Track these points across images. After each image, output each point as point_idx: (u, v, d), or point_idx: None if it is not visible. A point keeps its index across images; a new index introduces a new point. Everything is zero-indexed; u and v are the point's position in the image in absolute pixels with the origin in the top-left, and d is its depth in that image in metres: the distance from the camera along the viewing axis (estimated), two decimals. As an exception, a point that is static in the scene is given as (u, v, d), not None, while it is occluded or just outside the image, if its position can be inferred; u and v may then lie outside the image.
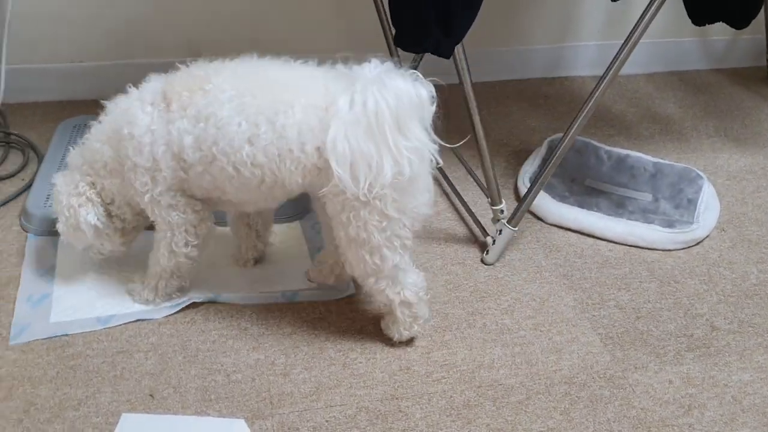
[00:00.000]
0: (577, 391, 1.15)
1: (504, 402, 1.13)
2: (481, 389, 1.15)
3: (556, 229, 1.53)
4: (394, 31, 1.34)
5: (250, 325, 1.24)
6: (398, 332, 1.19)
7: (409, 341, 1.22)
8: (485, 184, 1.42)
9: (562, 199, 1.57)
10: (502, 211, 1.41)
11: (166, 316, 1.24)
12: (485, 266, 1.41)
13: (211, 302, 1.28)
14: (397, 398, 1.12)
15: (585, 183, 1.65)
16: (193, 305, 1.26)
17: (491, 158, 1.41)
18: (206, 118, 1.06)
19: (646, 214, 1.55)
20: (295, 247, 1.42)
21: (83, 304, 1.24)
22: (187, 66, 1.13)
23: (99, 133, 1.16)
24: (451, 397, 1.13)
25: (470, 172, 1.62)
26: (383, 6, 1.73)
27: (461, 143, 1.18)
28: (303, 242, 1.44)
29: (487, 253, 1.42)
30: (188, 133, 1.07)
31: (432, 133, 1.07)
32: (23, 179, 1.57)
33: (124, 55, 1.84)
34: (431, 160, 1.08)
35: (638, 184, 1.64)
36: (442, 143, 1.09)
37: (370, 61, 1.03)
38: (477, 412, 1.11)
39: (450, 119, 1.93)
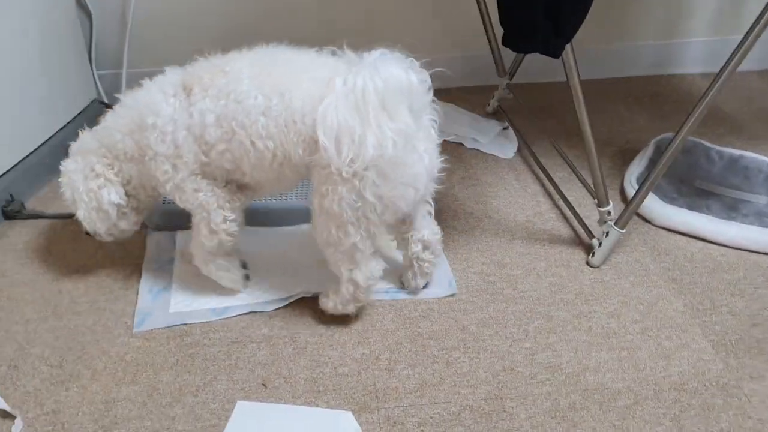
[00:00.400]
0: (688, 399, 1.12)
1: (610, 406, 1.11)
2: (586, 392, 1.14)
3: (664, 231, 1.49)
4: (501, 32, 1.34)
5: (354, 320, 1.27)
6: (333, 303, 1.25)
7: (514, 342, 1.22)
8: (592, 185, 1.40)
9: (671, 200, 1.53)
10: (609, 213, 1.38)
11: (276, 309, 1.29)
12: (590, 268, 1.39)
13: (318, 297, 1.32)
14: (501, 398, 1.13)
15: (695, 184, 1.60)
16: (301, 299, 1.31)
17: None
18: (227, 95, 1.12)
19: (761, 218, 1.48)
20: (394, 245, 1.45)
21: (199, 296, 1.31)
22: (206, 58, 1.20)
23: (119, 124, 1.21)
24: (555, 399, 1.12)
25: (575, 172, 1.60)
26: (486, 6, 1.73)
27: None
28: (405, 240, 1.46)
29: (592, 256, 1.40)
30: (210, 111, 1.13)
31: (427, 122, 1.14)
32: (143, 176, 1.66)
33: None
34: (425, 156, 1.13)
35: (752, 186, 1.57)
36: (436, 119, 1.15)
37: (377, 50, 1.09)
38: (583, 416, 1.10)
39: (555, 117, 1.91)
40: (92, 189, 1.23)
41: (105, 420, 1.08)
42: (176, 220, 1.47)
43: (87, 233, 1.30)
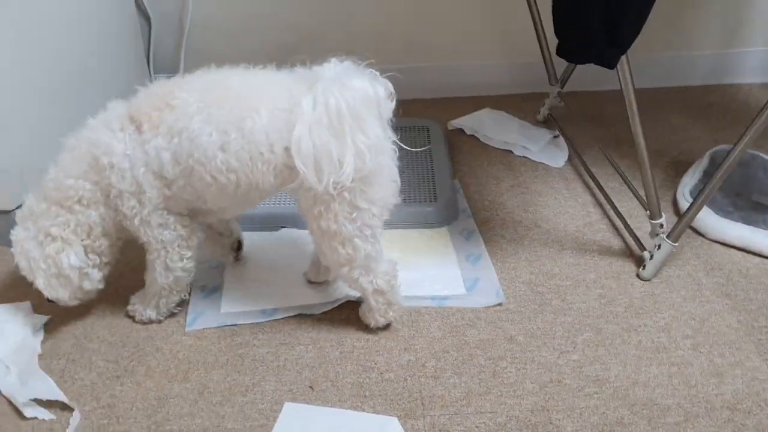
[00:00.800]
0: (742, 419, 1.10)
1: (660, 422, 1.10)
2: (635, 407, 1.12)
3: (718, 245, 1.46)
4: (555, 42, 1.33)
5: (400, 326, 1.28)
6: (374, 319, 1.24)
7: (561, 354, 1.21)
8: (644, 196, 1.38)
9: (726, 214, 1.50)
10: (661, 225, 1.36)
11: (324, 312, 1.31)
12: (641, 281, 1.38)
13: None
14: (547, 410, 1.12)
15: (752, 198, 1.56)
16: (347, 304, 1.32)
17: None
18: (179, 133, 1.09)
19: (821, 234, 1.44)
20: (443, 253, 1.45)
21: (250, 298, 1.33)
22: (146, 86, 1.16)
23: (69, 170, 1.15)
24: (603, 413, 1.11)
25: (626, 183, 1.58)
26: (539, 14, 1.72)
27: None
28: (451, 249, 1.46)
29: (643, 268, 1.38)
30: (165, 149, 1.10)
31: (389, 129, 1.11)
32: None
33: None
34: (393, 151, 1.13)
35: (813, 201, 1.53)
36: (396, 141, 1.13)
37: (329, 62, 1.07)
38: (631, 431, 1.08)
39: (606, 126, 1.89)
40: (49, 255, 1.16)
41: (158, 416, 1.11)
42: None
43: (49, 300, 1.22)
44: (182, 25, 1.92)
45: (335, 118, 1.03)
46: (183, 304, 1.31)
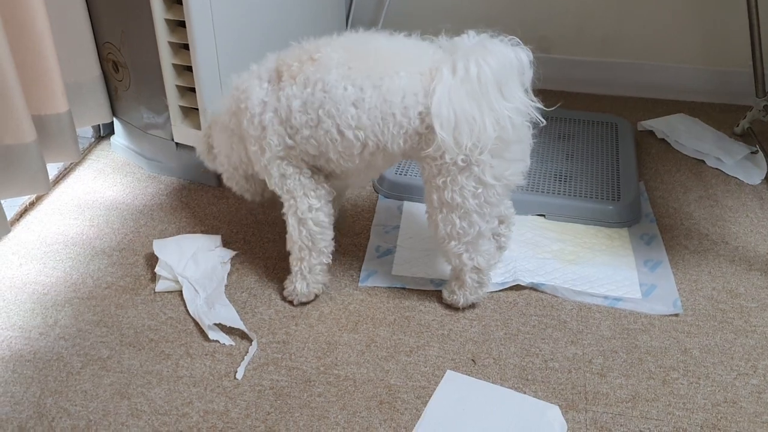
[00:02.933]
0: None
1: None
2: (819, 446, 1.04)
3: None
4: None
5: (569, 319, 1.26)
6: (464, 297, 1.24)
7: (739, 376, 1.14)
8: None
9: None
10: None
11: (491, 293, 1.31)
12: (837, 317, 1.27)
13: (533, 289, 1.32)
14: (719, 429, 1.06)
15: None
16: (516, 288, 1.32)
17: None
18: (314, 83, 1.11)
19: None
20: (620, 254, 1.41)
21: (421, 265, 1.36)
22: (299, 43, 1.18)
23: (222, 105, 1.25)
24: (782, 445, 1.05)
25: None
26: (758, 20, 1.62)
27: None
28: (630, 250, 1.42)
29: (842, 303, 1.27)
30: (296, 97, 1.12)
31: (531, 95, 1.08)
32: (379, 145, 1.75)
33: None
34: (529, 127, 1.11)
35: None
36: (540, 105, 1.08)
37: (467, 33, 1.07)
38: (812, 470, 1.01)
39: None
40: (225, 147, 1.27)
41: (327, 359, 1.17)
42: (404, 190, 1.55)
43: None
44: (383, -3, 1.98)
45: (476, 83, 1.03)
46: (329, 272, 1.29)
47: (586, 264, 1.37)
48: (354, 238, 1.44)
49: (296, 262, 1.26)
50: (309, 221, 1.22)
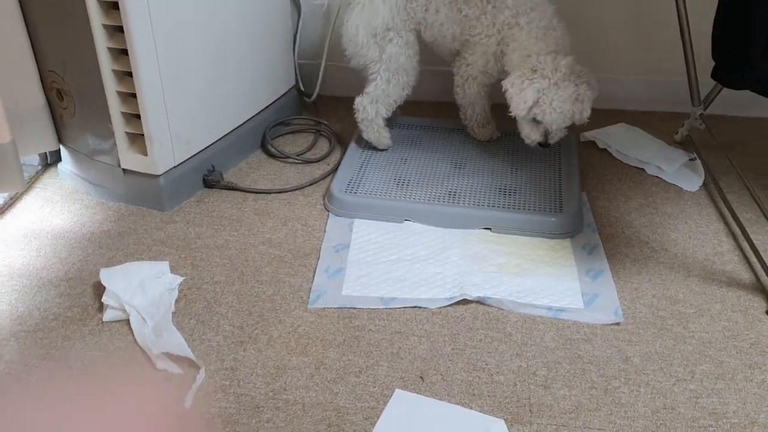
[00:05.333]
0: None
1: (778, 467, 1.06)
2: (752, 448, 1.08)
3: None
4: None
5: (514, 332, 1.29)
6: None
7: (678, 382, 1.18)
8: (784, 232, 1.32)
9: None
10: (800, 264, 1.30)
11: (440, 308, 1.33)
12: (770, 319, 1.32)
13: (480, 303, 1.35)
14: (658, 436, 1.10)
15: None
16: (463, 302, 1.34)
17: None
18: None
19: None
20: (563, 264, 1.44)
21: (370, 283, 1.38)
22: None
23: None
24: (717, 448, 1.08)
25: (765, 215, 1.51)
26: (689, 33, 1.67)
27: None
28: (572, 261, 1.45)
29: (774, 306, 1.32)
30: None
31: None
32: (328, 164, 1.77)
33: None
34: None
35: None
36: None
37: None
38: (745, 471, 1.05)
39: (748, 154, 1.81)
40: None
41: (275, 384, 1.18)
42: (354, 208, 1.57)
43: None
44: (330, 18, 1.99)
45: None
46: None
47: (530, 276, 1.40)
48: (304, 258, 1.45)
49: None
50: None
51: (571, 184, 1.62)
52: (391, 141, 1.76)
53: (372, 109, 1.69)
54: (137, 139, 1.55)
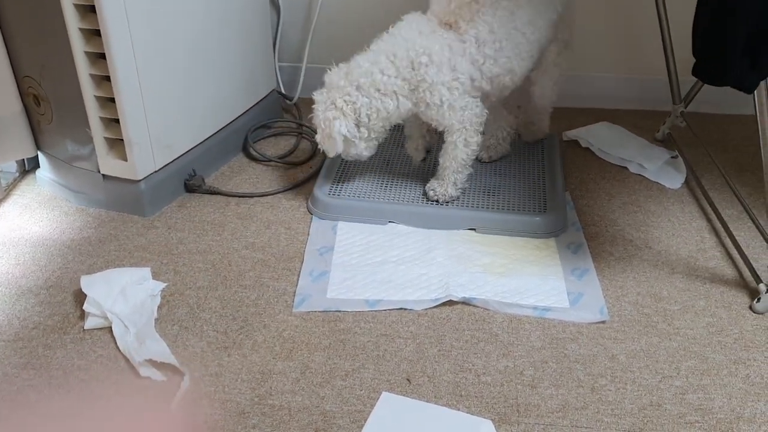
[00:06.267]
0: None
1: (765, 462, 1.06)
2: (739, 443, 1.09)
3: (842, 286, 1.39)
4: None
5: (500, 332, 1.29)
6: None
7: (664, 378, 1.19)
8: (767, 227, 1.33)
9: None
10: (782, 259, 1.31)
11: (425, 309, 1.33)
12: (753, 314, 1.33)
13: (466, 303, 1.34)
14: (645, 433, 1.10)
15: None
16: (449, 303, 1.34)
17: (777, 201, 1.32)
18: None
19: None
20: (548, 264, 1.44)
21: (355, 286, 1.37)
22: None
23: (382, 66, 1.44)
24: (704, 444, 1.09)
25: (746, 211, 1.52)
26: (669, 32, 1.68)
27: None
28: (557, 260, 1.45)
29: (757, 301, 1.33)
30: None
31: None
32: (311, 167, 1.76)
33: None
34: None
35: None
36: None
37: None
38: (733, 466, 1.05)
39: (729, 151, 1.83)
40: (327, 118, 1.46)
41: (261, 389, 1.16)
42: (338, 210, 1.56)
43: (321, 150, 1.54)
44: (310, 18, 1.99)
45: None
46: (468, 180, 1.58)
47: (515, 276, 1.40)
48: (287, 262, 1.44)
49: (453, 175, 1.54)
50: (474, 145, 1.52)
51: (554, 184, 1.62)
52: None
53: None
54: (116, 144, 1.53)
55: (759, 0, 1.10)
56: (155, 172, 1.57)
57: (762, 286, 1.34)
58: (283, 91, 2.03)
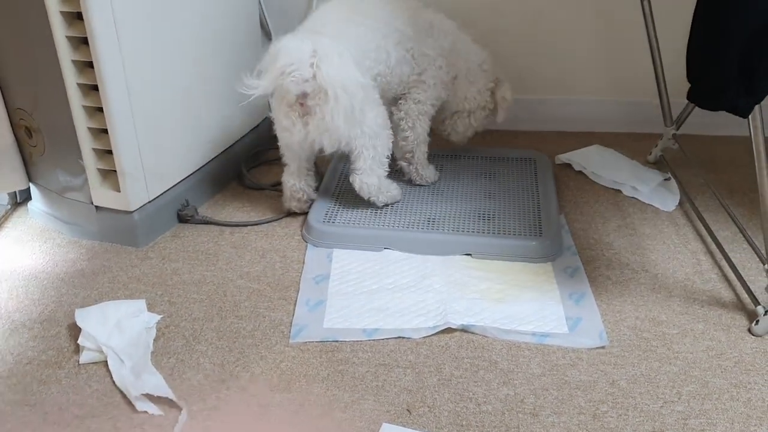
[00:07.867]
0: None
1: (770, 488, 1.05)
2: (743, 469, 1.08)
3: (839, 307, 1.39)
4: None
5: (500, 359, 1.28)
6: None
7: (665, 404, 1.18)
8: (763, 250, 1.33)
9: None
10: (779, 281, 1.31)
11: (424, 337, 1.32)
12: (752, 337, 1.32)
13: (464, 330, 1.33)
14: (649, 460, 1.09)
15: None
16: (447, 331, 1.33)
17: (772, 222, 1.32)
18: None
19: None
20: (546, 289, 1.44)
21: (352, 315, 1.36)
22: None
23: None
24: (709, 470, 1.08)
25: (742, 232, 1.52)
26: (660, 55, 1.70)
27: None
28: (554, 284, 1.45)
29: (756, 323, 1.33)
30: None
31: None
32: (305, 194, 1.75)
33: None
34: None
35: None
36: None
37: None
38: (738, 493, 1.04)
39: (722, 173, 1.83)
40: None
41: (259, 423, 1.15)
42: (332, 238, 1.55)
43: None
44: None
45: None
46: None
47: (513, 301, 1.39)
48: (283, 291, 1.43)
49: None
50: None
51: (549, 207, 1.62)
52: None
53: (373, 179, 1.59)
54: (109, 175, 1.52)
55: (750, 21, 1.11)
56: (149, 202, 1.56)
57: (760, 309, 1.34)
58: (275, 119, 2.03)
